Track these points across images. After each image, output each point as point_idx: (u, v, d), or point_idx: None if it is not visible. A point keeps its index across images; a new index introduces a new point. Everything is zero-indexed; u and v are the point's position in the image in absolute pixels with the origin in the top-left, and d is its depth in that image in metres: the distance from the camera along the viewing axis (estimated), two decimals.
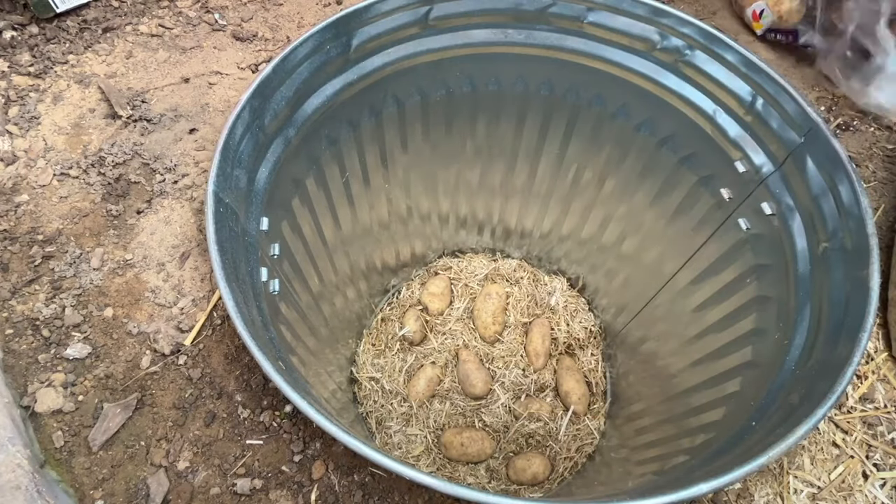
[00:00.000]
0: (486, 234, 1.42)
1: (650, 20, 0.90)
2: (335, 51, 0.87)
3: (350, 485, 0.86)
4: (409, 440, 1.17)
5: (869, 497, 0.90)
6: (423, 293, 1.32)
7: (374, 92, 0.97)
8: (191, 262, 1.00)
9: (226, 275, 0.65)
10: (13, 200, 1.02)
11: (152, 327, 0.93)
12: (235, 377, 0.91)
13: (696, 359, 0.98)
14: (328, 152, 0.97)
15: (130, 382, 0.89)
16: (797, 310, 0.77)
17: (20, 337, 0.90)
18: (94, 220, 1.02)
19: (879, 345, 1.04)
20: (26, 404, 0.85)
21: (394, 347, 1.27)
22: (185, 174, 1.09)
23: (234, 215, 0.75)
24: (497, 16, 0.95)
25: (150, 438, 0.86)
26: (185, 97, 1.20)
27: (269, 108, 0.82)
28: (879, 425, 0.97)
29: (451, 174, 1.22)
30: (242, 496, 0.83)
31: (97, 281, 0.96)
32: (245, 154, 0.79)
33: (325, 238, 1.05)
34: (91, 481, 0.82)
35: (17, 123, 1.11)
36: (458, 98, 1.05)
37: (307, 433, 0.89)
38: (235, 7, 1.38)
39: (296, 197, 0.93)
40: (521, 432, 1.18)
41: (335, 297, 1.14)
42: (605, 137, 1.07)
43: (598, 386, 1.27)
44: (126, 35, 1.28)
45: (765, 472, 0.93)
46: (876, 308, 0.63)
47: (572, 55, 0.97)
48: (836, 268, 0.71)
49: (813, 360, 0.69)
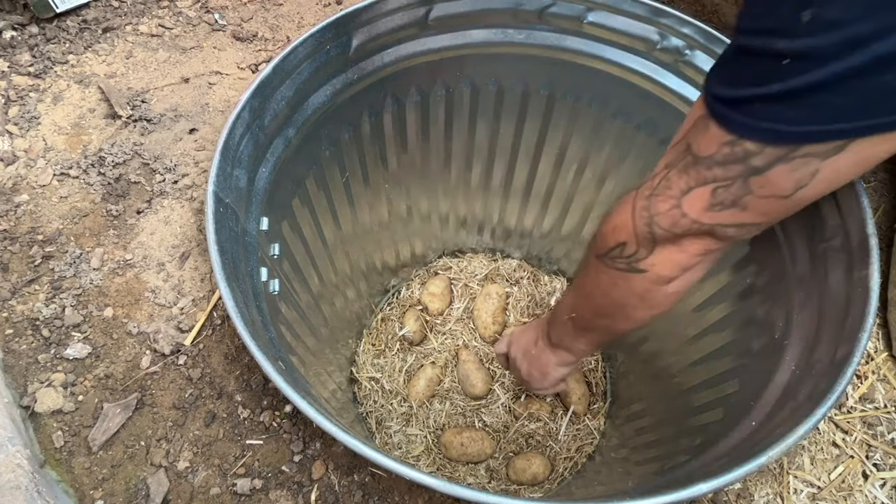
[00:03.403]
0: (486, 234, 1.42)
1: (650, 20, 0.90)
2: (335, 51, 0.87)
3: (350, 485, 0.86)
4: (409, 440, 1.17)
5: (869, 497, 0.90)
6: (423, 293, 1.32)
7: (374, 92, 0.97)
8: (191, 262, 1.00)
9: (226, 275, 0.65)
10: (13, 200, 1.02)
11: (152, 327, 0.93)
12: (235, 377, 0.91)
13: (696, 359, 0.98)
14: (328, 152, 0.96)
15: (130, 382, 0.89)
16: (797, 310, 0.77)
17: (20, 337, 0.90)
18: (94, 220, 1.02)
19: (879, 345, 1.04)
20: (26, 404, 0.85)
21: (394, 347, 1.27)
22: (185, 174, 1.09)
23: (234, 215, 0.75)
24: (497, 16, 0.95)
25: (150, 438, 0.86)
26: (185, 97, 1.20)
27: (269, 108, 0.82)
28: (879, 425, 0.97)
29: (451, 174, 1.22)
30: (242, 496, 0.83)
31: (97, 281, 0.96)
32: (245, 154, 0.79)
33: (325, 238, 1.05)
34: (91, 481, 0.82)
35: (17, 123, 1.11)
36: (457, 98, 1.05)
37: (307, 433, 0.89)
38: (235, 7, 1.38)
39: (296, 197, 0.93)
40: (521, 432, 1.18)
41: (335, 297, 1.14)
42: (605, 137, 1.07)
43: (598, 386, 1.27)
44: (126, 35, 1.28)
45: (765, 472, 0.93)
46: (876, 308, 0.63)
47: (572, 55, 0.97)
48: (836, 268, 0.71)
49: (813, 360, 0.69)
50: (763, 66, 0.41)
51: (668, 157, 0.52)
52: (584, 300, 0.71)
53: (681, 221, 0.50)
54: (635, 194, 0.55)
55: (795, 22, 0.38)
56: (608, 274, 0.62)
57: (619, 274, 0.60)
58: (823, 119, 0.40)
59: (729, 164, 0.45)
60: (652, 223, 0.52)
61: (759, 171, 0.44)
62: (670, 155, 0.51)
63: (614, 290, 0.63)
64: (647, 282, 0.58)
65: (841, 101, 0.39)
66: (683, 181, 0.49)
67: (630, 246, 0.56)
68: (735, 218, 0.48)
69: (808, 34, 0.38)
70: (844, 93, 0.38)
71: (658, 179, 0.52)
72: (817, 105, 0.40)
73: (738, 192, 0.46)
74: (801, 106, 0.40)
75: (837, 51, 0.37)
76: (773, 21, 0.40)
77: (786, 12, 0.39)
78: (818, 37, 0.38)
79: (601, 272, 0.63)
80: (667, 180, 0.51)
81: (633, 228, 0.54)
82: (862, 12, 0.36)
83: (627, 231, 0.55)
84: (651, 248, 0.55)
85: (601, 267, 0.62)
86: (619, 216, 0.57)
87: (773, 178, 0.44)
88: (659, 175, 0.52)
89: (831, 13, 0.37)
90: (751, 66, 0.43)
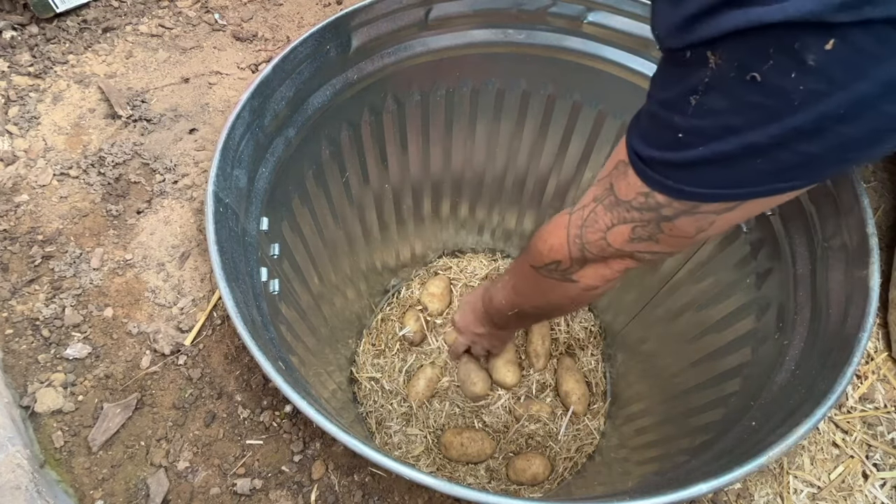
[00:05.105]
0: (486, 235, 1.42)
1: (650, 20, 0.90)
2: (335, 51, 0.87)
3: (350, 485, 0.86)
4: (409, 440, 1.17)
5: (869, 497, 0.90)
6: (423, 293, 1.32)
7: (374, 92, 0.97)
8: (191, 262, 1.00)
9: (226, 275, 0.65)
10: (13, 200, 1.02)
11: (152, 327, 0.93)
12: (235, 377, 0.91)
13: (695, 359, 0.98)
14: (328, 152, 0.96)
15: (130, 382, 0.89)
16: (797, 310, 0.77)
17: (20, 337, 0.90)
18: (94, 220, 1.02)
19: (879, 345, 1.04)
20: (26, 404, 0.85)
21: (394, 347, 1.27)
22: (185, 174, 1.09)
23: (234, 215, 0.75)
24: (497, 16, 0.95)
25: (150, 438, 0.86)
26: (185, 97, 1.20)
27: (269, 108, 0.82)
28: (879, 425, 0.97)
29: (451, 174, 1.22)
30: (242, 496, 0.83)
31: (97, 281, 0.96)
32: (245, 154, 0.79)
33: (325, 238, 1.05)
34: (91, 481, 0.82)
35: (16, 123, 1.11)
36: (457, 98, 1.05)
37: (307, 433, 0.89)
38: (235, 7, 1.38)
39: (296, 197, 0.93)
40: (521, 432, 1.18)
41: (335, 297, 1.14)
42: (605, 137, 1.07)
43: (598, 386, 1.27)
44: (126, 35, 1.28)
45: (765, 472, 0.93)
46: (876, 308, 0.63)
47: (572, 55, 0.97)
48: (836, 268, 0.71)
49: (813, 360, 0.69)
50: (666, 135, 0.48)
51: (596, 190, 0.60)
52: (523, 299, 0.84)
53: (607, 249, 0.61)
54: (568, 221, 0.64)
55: (686, 104, 0.44)
56: (545, 281, 0.73)
57: (555, 282, 0.71)
58: (715, 185, 0.47)
59: (644, 211, 0.54)
60: (584, 249, 0.63)
61: (669, 219, 0.53)
62: (598, 189, 0.60)
63: (550, 293, 0.75)
64: (577, 289, 0.69)
65: (728, 173, 0.46)
66: (608, 218, 0.58)
67: (564, 263, 0.67)
68: (650, 248, 0.58)
69: (694, 116, 0.44)
70: (729, 167, 0.45)
71: (587, 212, 0.61)
72: (708, 174, 0.47)
73: (652, 231, 0.55)
74: (697, 173, 0.47)
75: (718, 133, 0.43)
76: (672, 97, 0.46)
77: (679, 92, 0.45)
78: (702, 119, 0.44)
79: (539, 280, 0.74)
80: (594, 214, 0.60)
81: (568, 252, 0.65)
82: (733, 107, 0.42)
83: (562, 253, 0.65)
84: (582, 265, 0.66)
85: (537, 276, 0.73)
86: (553, 238, 0.66)
87: (680, 224, 0.53)
88: (588, 208, 0.61)
89: (710, 102, 0.43)
90: (657, 131, 0.49)
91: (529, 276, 0.75)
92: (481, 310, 1.02)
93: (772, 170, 0.44)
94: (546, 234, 0.68)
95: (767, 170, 0.44)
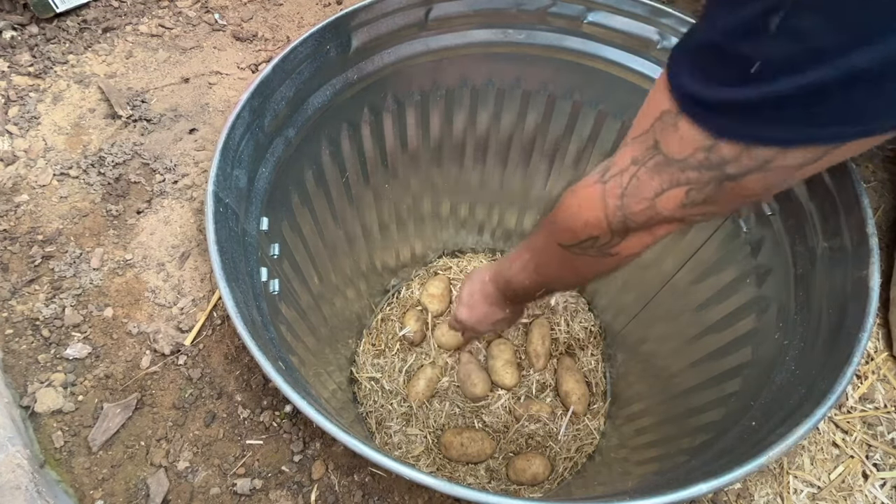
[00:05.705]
0: (486, 235, 1.42)
1: (650, 20, 0.90)
2: (335, 51, 0.87)
3: (350, 485, 0.86)
4: (409, 440, 1.16)
5: (869, 497, 0.90)
6: (423, 294, 1.32)
7: (374, 92, 0.97)
8: (191, 262, 1.00)
9: (226, 275, 0.65)
10: (13, 200, 1.02)
11: (152, 327, 0.93)
12: (235, 377, 0.91)
13: (696, 359, 0.98)
14: (328, 152, 0.96)
15: (130, 382, 0.89)
16: (797, 310, 0.77)
17: (20, 337, 0.90)
18: (94, 220, 1.02)
19: (879, 345, 1.04)
20: (26, 404, 0.85)
21: (394, 347, 1.27)
22: (185, 174, 1.09)
23: (234, 215, 0.75)
24: (497, 16, 0.95)
25: (150, 438, 0.86)
26: (185, 97, 1.20)
27: (269, 108, 0.82)
28: (879, 425, 0.97)
29: (451, 174, 1.22)
30: (242, 496, 0.83)
31: (97, 281, 0.96)
32: (245, 154, 0.79)
33: (325, 238, 1.05)
34: (91, 481, 0.82)
35: (16, 123, 1.11)
36: (457, 98, 1.05)
37: (307, 433, 0.89)
38: (235, 7, 1.38)
39: (296, 197, 0.93)
40: (521, 432, 1.18)
41: (335, 297, 1.14)
42: (605, 137, 1.07)
43: (598, 386, 1.26)
44: (126, 35, 1.28)
45: (765, 472, 0.93)
46: (876, 308, 0.63)
47: (572, 55, 0.97)
48: (836, 268, 0.71)
49: (813, 360, 0.69)
50: (733, 69, 0.40)
51: (634, 150, 0.51)
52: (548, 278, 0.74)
53: (655, 217, 0.52)
54: (603, 191, 0.54)
55: (763, 26, 0.37)
56: (578, 259, 0.63)
57: (590, 258, 0.62)
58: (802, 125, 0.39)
59: (703, 170, 0.45)
60: (627, 220, 0.54)
61: (733, 178, 0.44)
62: (636, 149, 0.51)
63: (584, 269, 0.65)
64: (616, 260, 0.61)
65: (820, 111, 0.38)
66: (656, 182, 0.49)
67: (603, 238, 0.58)
68: (705, 210, 0.50)
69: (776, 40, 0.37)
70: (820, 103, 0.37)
71: (627, 178, 0.51)
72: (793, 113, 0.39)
73: (711, 193, 0.47)
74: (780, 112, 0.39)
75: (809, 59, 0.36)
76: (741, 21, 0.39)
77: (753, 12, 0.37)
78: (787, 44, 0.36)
79: (569, 258, 0.64)
80: (637, 180, 0.51)
81: (608, 226, 0.56)
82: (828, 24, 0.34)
83: (601, 227, 0.56)
84: (624, 236, 0.57)
85: (567, 255, 0.63)
86: (588, 212, 0.57)
87: (747, 183, 0.44)
88: (628, 172, 0.51)
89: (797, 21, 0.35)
90: (721, 66, 0.41)
91: (556, 255, 0.65)
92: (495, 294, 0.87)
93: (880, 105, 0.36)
94: (577, 209, 0.58)
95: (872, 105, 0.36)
